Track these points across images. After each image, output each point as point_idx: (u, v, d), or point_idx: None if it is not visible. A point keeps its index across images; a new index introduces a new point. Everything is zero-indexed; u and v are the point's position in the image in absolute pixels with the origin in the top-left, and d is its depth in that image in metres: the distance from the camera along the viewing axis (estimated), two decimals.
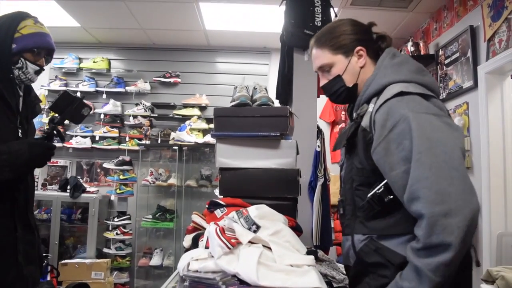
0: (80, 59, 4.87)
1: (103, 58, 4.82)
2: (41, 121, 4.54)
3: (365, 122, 1.24)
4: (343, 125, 4.69)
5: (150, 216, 4.41)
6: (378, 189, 1.20)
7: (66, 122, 1.71)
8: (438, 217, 1.02)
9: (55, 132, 1.61)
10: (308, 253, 1.29)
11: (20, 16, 1.64)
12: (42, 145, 1.56)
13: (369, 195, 1.22)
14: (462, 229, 1.01)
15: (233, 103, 1.78)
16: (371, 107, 1.24)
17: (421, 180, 1.06)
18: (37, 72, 1.67)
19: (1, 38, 1.58)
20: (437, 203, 1.03)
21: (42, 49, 1.66)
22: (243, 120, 1.66)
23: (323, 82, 1.39)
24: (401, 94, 1.16)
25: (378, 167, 1.19)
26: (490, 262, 2.89)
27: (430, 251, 1.04)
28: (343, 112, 4.74)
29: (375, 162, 1.19)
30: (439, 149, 1.07)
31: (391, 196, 1.17)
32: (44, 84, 4.75)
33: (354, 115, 1.34)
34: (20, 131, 1.65)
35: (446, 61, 3.58)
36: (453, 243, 1.01)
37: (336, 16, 2.54)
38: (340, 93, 1.36)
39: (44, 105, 4.76)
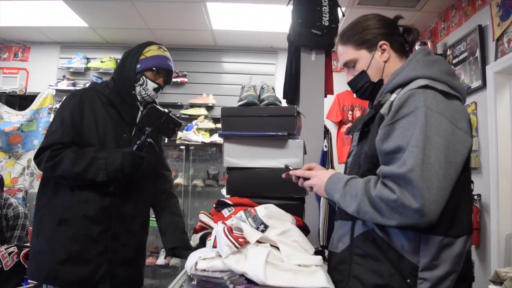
0: (88, 59, 4.89)
1: (110, 58, 4.83)
2: (49, 120, 4.57)
3: (383, 110, 1.22)
4: (349, 125, 4.67)
5: None
6: None
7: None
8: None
9: (146, 143, 1.76)
10: (316, 253, 1.29)
11: (147, 43, 1.97)
12: (133, 154, 1.74)
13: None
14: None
15: (241, 103, 1.77)
16: (393, 96, 1.22)
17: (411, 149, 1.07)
18: (156, 90, 1.91)
19: (129, 61, 1.89)
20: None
21: (161, 69, 1.91)
22: (251, 120, 1.66)
23: (349, 78, 1.39)
24: (426, 87, 1.14)
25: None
26: (498, 263, 2.86)
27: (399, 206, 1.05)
28: (350, 112, 4.72)
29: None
30: (432, 152, 1.05)
31: None
32: (52, 84, 4.78)
33: (375, 102, 1.32)
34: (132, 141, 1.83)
35: (454, 61, 3.55)
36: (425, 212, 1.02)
37: (343, 15, 2.53)
38: (366, 88, 1.35)
39: (51, 104, 4.80)
